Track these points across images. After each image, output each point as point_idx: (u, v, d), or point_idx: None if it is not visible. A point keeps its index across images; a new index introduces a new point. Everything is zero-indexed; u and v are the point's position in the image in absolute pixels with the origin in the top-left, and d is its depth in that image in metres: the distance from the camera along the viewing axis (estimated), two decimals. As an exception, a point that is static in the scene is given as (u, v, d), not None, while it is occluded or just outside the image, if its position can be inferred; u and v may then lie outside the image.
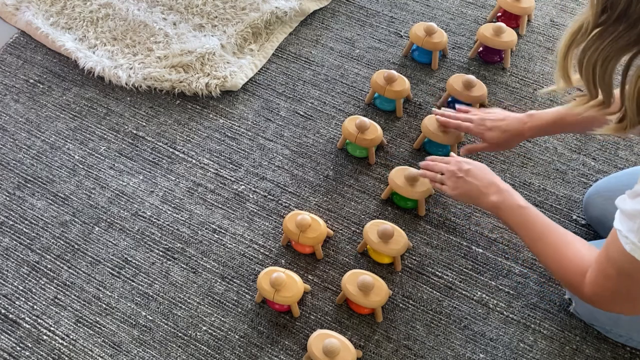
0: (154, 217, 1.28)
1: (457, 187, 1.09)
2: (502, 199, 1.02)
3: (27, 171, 1.35)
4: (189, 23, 1.57)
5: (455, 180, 1.09)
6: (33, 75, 1.51)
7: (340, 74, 1.50)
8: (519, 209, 1.00)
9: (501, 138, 1.18)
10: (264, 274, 1.11)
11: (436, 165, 1.16)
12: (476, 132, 1.21)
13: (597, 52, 0.72)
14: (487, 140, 1.20)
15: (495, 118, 1.20)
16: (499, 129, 1.18)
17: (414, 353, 1.11)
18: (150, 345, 1.12)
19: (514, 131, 1.16)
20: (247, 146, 1.38)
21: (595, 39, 0.72)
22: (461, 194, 1.09)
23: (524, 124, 1.16)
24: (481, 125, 1.20)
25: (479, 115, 1.23)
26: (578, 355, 1.11)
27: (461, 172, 1.09)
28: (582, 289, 0.88)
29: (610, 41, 0.71)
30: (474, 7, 1.63)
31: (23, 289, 1.19)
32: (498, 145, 1.20)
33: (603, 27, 0.71)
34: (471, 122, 1.23)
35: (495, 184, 1.05)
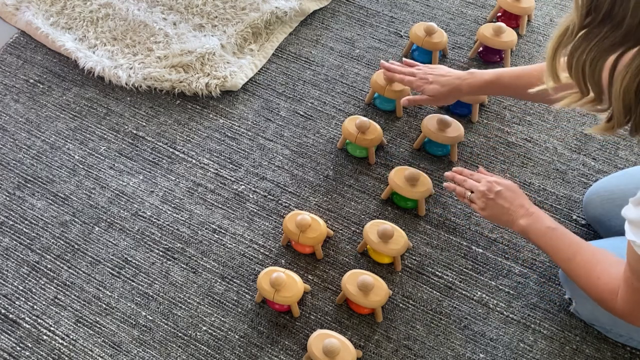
0: (154, 217, 1.28)
1: (487, 207, 1.09)
2: (531, 222, 1.03)
3: (27, 171, 1.35)
4: (189, 23, 1.57)
5: (485, 201, 1.09)
6: (33, 75, 1.51)
7: (340, 74, 1.50)
8: (548, 231, 1.00)
9: (440, 92, 1.22)
10: (264, 274, 1.11)
11: (466, 182, 1.15)
12: (417, 84, 1.26)
13: (585, 53, 0.73)
14: (427, 93, 1.24)
15: (437, 73, 1.25)
16: (438, 82, 1.23)
17: (414, 353, 1.11)
18: (150, 345, 1.12)
19: (453, 86, 1.21)
20: (247, 146, 1.38)
21: (581, 40, 0.74)
22: (490, 215, 1.09)
23: (463, 80, 1.21)
24: (423, 79, 1.25)
25: (423, 70, 1.27)
26: (578, 355, 1.11)
27: (491, 193, 1.08)
28: (615, 308, 0.88)
29: (596, 42, 0.72)
30: (474, 7, 1.63)
31: (23, 289, 1.19)
32: (437, 99, 1.25)
33: (588, 28, 0.72)
34: (414, 76, 1.27)
35: (524, 207, 1.05)
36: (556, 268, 1.20)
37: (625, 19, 0.68)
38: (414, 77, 1.27)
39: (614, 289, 0.88)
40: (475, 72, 1.21)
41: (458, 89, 1.22)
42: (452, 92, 1.23)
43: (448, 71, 1.25)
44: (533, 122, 1.40)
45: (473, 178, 1.16)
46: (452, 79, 1.22)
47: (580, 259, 0.95)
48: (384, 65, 1.35)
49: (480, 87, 1.20)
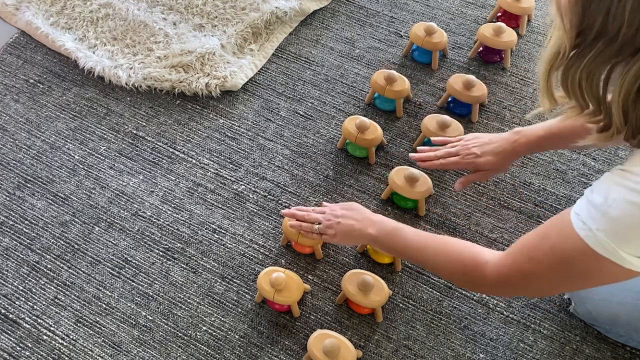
0: (154, 217, 1.28)
1: (336, 232, 1.09)
2: (377, 228, 1.04)
3: (27, 171, 1.35)
4: (189, 23, 1.57)
5: (335, 227, 1.09)
6: (33, 75, 1.51)
7: (340, 74, 1.50)
8: (394, 231, 1.03)
9: (495, 162, 1.13)
10: (264, 274, 1.11)
11: (309, 215, 1.14)
12: (465, 163, 1.15)
13: (579, 70, 0.72)
14: (481, 168, 1.14)
15: (480, 142, 1.15)
16: (490, 153, 1.13)
17: (414, 353, 1.11)
18: (150, 345, 1.12)
19: (507, 151, 1.12)
20: (247, 146, 1.38)
21: (575, 59, 0.73)
22: (342, 237, 1.09)
23: (515, 141, 1.12)
24: (469, 154, 1.15)
25: (461, 144, 1.17)
26: (578, 355, 1.11)
27: (337, 218, 1.09)
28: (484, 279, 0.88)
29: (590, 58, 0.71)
30: (474, 7, 1.63)
31: (23, 289, 1.19)
32: (494, 170, 1.16)
33: (580, 48, 0.72)
34: (457, 155, 1.16)
35: (369, 218, 1.07)
36: (556, 268, 1.20)
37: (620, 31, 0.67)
38: (457, 157, 1.16)
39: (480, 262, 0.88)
40: (523, 131, 1.12)
41: (514, 152, 1.12)
42: (507, 158, 1.13)
43: (490, 137, 1.15)
44: (533, 122, 1.40)
45: (315, 211, 1.15)
46: (502, 145, 1.12)
47: (432, 244, 0.97)
48: (414, 157, 1.22)
49: (536, 143, 1.11)
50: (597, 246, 0.71)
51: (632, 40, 0.67)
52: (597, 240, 0.71)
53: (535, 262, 0.80)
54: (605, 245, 0.70)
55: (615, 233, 0.70)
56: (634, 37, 0.66)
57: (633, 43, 0.67)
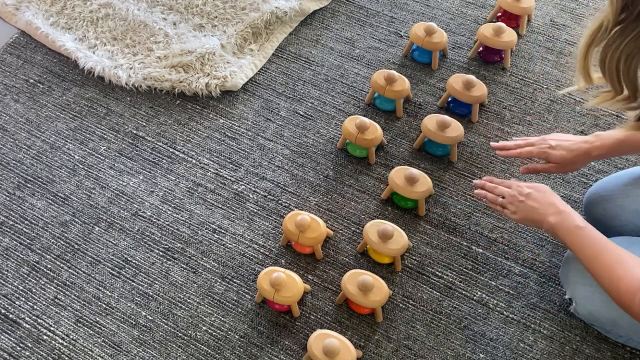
0: (154, 217, 1.28)
1: (518, 210, 1.08)
2: (560, 220, 1.02)
3: (27, 171, 1.35)
4: (189, 23, 1.57)
5: (517, 204, 1.08)
6: (33, 75, 1.51)
7: (340, 74, 1.50)
8: (576, 230, 1.00)
9: (567, 158, 1.13)
10: (264, 274, 1.11)
11: (496, 188, 1.14)
12: (538, 152, 1.16)
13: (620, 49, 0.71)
14: (552, 160, 1.15)
15: (559, 138, 1.16)
16: (564, 148, 1.14)
17: (414, 353, 1.11)
18: (150, 345, 1.12)
19: (581, 150, 1.12)
20: (247, 146, 1.38)
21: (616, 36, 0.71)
22: (522, 217, 1.08)
23: (591, 143, 1.12)
24: (543, 144, 1.16)
25: (541, 137, 1.19)
26: (578, 355, 1.11)
27: (522, 195, 1.08)
28: (632, 308, 0.88)
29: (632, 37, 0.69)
30: (474, 7, 1.63)
31: (23, 289, 1.19)
32: (563, 166, 1.15)
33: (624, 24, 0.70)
34: (532, 145, 1.18)
35: (555, 205, 1.04)
36: (556, 268, 1.20)
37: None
38: (532, 146, 1.17)
39: (634, 289, 0.88)
40: (601, 134, 1.12)
41: (587, 153, 1.12)
42: (581, 158, 1.13)
43: (569, 136, 1.16)
44: (533, 122, 1.40)
45: (503, 185, 1.14)
46: (579, 144, 1.12)
47: (605, 259, 0.95)
48: (496, 146, 1.23)
49: (610, 148, 1.11)
50: None
51: None
52: None
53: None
54: None
55: None
56: None
57: None
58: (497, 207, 1.13)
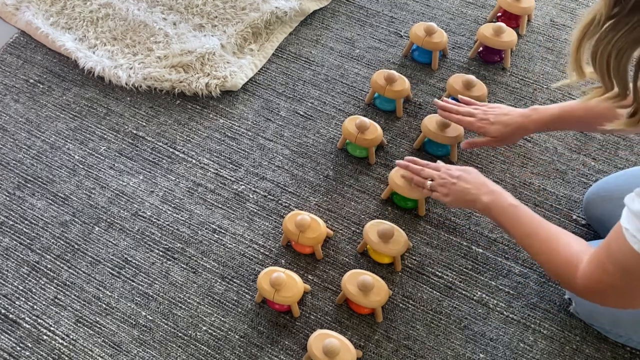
0: (154, 217, 1.28)
1: (450, 193, 1.09)
2: (493, 199, 1.03)
3: (27, 171, 1.35)
4: (189, 23, 1.57)
5: (449, 186, 1.09)
6: (33, 75, 1.51)
7: (340, 74, 1.50)
8: (510, 208, 1.00)
9: (504, 132, 1.17)
10: (264, 274, 1.11)
11: (423, 170, 1.15)
12: (478, 126, 1.20)
13: (611, 44, 0.70)
14: (490, 134, 1.19)
15: (498, 112, 1.20)
16: (502, 122, 1.17)
17: (414, 353, 1.11)
18: (150, 345, 1.12)
19: (518, 125, 1.16)
20: (247, 146, 1.38)
21: (608, 30, 0.71)
22: (455, 199, 1.09)
23: (527, 117, 1.15)
24: (483, 119, 1.20)
25: (482, 110, 1.22)
26: (578, 355, 1.11)
27: (453, 178, 1.09)
28: (574, 282, 0.88)
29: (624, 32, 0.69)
30: (474, 7, 1.63)
31: (23, 289, 1.19)
32: (501, 140, 1.20)
33: (616, 18, 0.70)
34: (473, 117, 1.22)
35: (486, 185, 1.05)
36: (556, 268, 1.20)
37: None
38: (473, 118, 1.22)
39: (574, 264, 0.87)
40: (538, 109, 1.16)
41: (523, 127, 1.16)
42: (517, 132, 1.18)
43: (509, 109, 1.20)
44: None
45: (429, 167, 1.16)
46: (516, 118, 1.17)
47: (541, 234, 0.95)
48: (438, 104, 1.28)
49: (546, 123, 1.14)
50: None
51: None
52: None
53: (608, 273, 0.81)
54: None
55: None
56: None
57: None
58: (425, 190, 1.14)
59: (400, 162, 1.20)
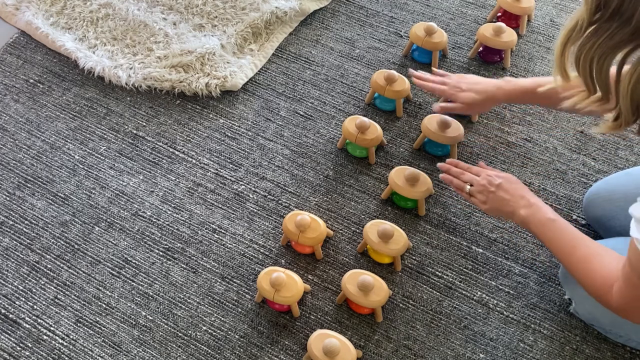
0: (154, 217, 1.28)
1: (488, 201, 1.08)
2: (532, 213, 1.02)
3: (27, 171, 1.35)
4: (189, 23, 1.57)
5: (486, 194, 1.09)
6: (33, 75, 1.51)
7: (340, 74, 1.50)
8: (548, 222, 1.00)
9: (475, 99, 1.21)
10: (264, 274, 1.11)
11: (464, 175, 1.15)
12: (450, 93, 1.25)
13: (593, 49, 0.73)
14: (461, 101, 1.23)
15: (470, 81, 1.24)
16: (473, 90, 1.22)
17: (414, 353, 1.11)
18: (150, 345, 1.12)
19: (488, 94, 1.20)
20: (247, 146, 1.38)
21: (590, 36, 0.73)
22: (492, 208, 1.09)
23: (499, 87, 1.20)
24: (456, 87, 1.24)
25: (454, 79, 1.27)
26: (578, 355, 1.11)
27: (492, 186, 1.08)
28: (610, 302, 0.88)
29: (605, 38, 0.71)
30: (474, 7, 1.63)
31: (23, 289, 1.19)
32: (472, 107, 1.25)
33: (597, 24, 0.72)
34: (446, 85, 1.26)
35: (525, 198, 1.04)
36: (556, 268, 1.20)
37: (634, 16, 0.67)
38: (445, 86, 1.26)
39: (610, 283, 0.88)
40: (510, 81, 1.19)
41: (494, 96, 1.20)
42: (488, 101, 1.21)
43: (482, 79, 1.24)
44: (533, 122, 1.40)
45: (470, 171, 1.15)
46: (488, 87, 1.21)
47: (579, 252, 0.95)
48: (413, 74, 1.33)
49: (517, 95, 1.18)
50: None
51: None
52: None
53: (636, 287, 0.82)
54: None
55: None
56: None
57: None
58: (464, 194, 1.14)
59: (441, 165, 1.21)
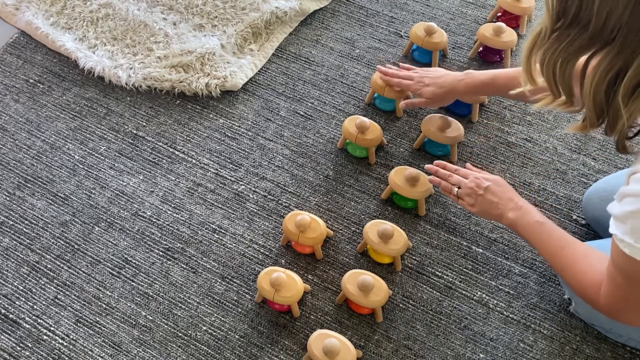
0: (154, 217, 1.28)
1: (476, 204, 1.09)
2: (520, 215, 1.03)
3: (27, 171, 1.35)
4: (189, 23, 1.57)
5: (474, 197, 1.09)
6: (33, 75, 1.51)
7: (340, 74, 1.50)
8: (536, 225, 1.01)
9: (437, 93, 1.25)
10: (264, 274, 1.11)
11: (452, 177, 1.15)
12: (414, 88, 1.29)
13: (555, 54, 0.77)
14: (424, 96, 1.27)
15: (434, 76, 1.27)
16: (436, 84, 1.25)
17: (414, 353, 1.11)
18: (150, 345, 1.12)
19: (449, 87, 1.24)
20: (247, 146, 1.38)
21: (553, 42, 0.77)
22: (480, 210, 1.09)
23: (459, 81, 1.23)
24: (420, 82, 1.28)
25: (420, 74, 1.30)
26: (578, 355, 1.11)
27: (480, 188, 1.09)
28: (598, 303, 0.89)
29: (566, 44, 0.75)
30: (474, 7, 1.63)
31: (23, 289, 1.19)
32: (435, 101, 1.28)
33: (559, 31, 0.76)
34: (411, 80, 1.30)
35: (513, 201, 1.05)
36: (556, 268, 1.20)
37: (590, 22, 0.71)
38: (411, 81, 1.30)
39: (597, 283, 0.88)
40: (471, 73, 1.23)
41: (454, 90, 1.24)
42: (449, 94, 1.26)
43: (445, 73, 1.27)
44: (533, 122, 1.40)
45: (459, 173, 1.15)
46: (449, 80, 1.25)
47: (567, 253, 0.96)
48: (380, 70, 1.36)
49: (476, 88, 1.22)
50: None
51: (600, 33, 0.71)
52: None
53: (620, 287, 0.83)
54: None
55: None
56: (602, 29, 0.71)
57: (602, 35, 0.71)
58: (452, 196, 1.15)
59: (429, 167, 1.20)
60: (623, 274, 0.81)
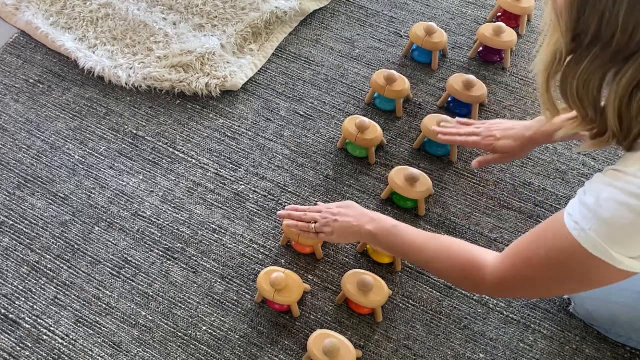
0: (154, 217, 1.28)
1: (334, 230, 1.09)
2: (376, 225, 1.04)
3: (27, 171, 1.35)
4: (189, 23, 1.57)
5: (332, 224, 1.09)
6: (33, 75, 1.51)
7: (340, 74, 1.50)
8: (393, 229, 1.02)
9: (514, 147, 1.15)
10: (264, 274, 1.11)
11: (306, 215, 1.14)
12: (485, 144, 1.18)
13: (577, 77, 0.72)
14: (499, 151, 1.16)
15: (502, 127, 1.17)
16: (510, 137, 1.15)
17: (414, 353, 1.11)
18: (150, 345, 1.12)
19: (527, 138, 1.14)
20: (247, 146, 1.38)
21: (572, 66, 0.72)
22: (340, 235, 1.09)
23: (534, 129, 1.13)
24: (489, 136, 1.17)
25: (485, 126, 1.20)
26: (578, 355, 1.11)
27: (333, 215, 1.10)
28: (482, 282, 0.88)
29: (587, 64, 0.70)
30: (474, 7, 1.63)
31: (23, 289, 1.19)
32: (512, 155, 1.17)
33: (576, 53, 0.71)
34: (477, 136, 1.19)
35: (366, 215, 1.07)
36: (556, 268, 1.20)
37: (614, 37, 0.66)
38: (478, 137, 1.19)
39: (479, 263, 0.88)
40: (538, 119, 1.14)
41: (533, 140, 1.14)
42: (527, 144, 1.15)
43: (513, 123, 1.17)
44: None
45: (311, 210, 1.15)
46: (522, 131, 1.14)
47: (434, 243, 0.96)
48: (437, 131, 1.25)
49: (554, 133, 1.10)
50: (589, 246, 0.71)
51: (626, 46, 0.66)
52: (590, 240, 0.71)
53: (532, 266, 0.80)
54: (597, 245, 0.70)
55: (606, 234, 0.70)
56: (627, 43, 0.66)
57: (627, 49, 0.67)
58: (311, 234, 1.13)
59: (281, 213, 1.17)
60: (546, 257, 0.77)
